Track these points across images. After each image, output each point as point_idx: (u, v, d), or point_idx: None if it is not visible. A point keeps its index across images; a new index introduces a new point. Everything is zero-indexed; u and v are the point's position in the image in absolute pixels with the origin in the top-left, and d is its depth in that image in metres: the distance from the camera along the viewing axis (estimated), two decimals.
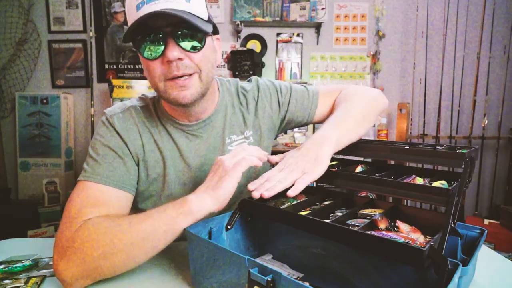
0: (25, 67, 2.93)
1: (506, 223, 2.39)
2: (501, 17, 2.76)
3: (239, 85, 0.94)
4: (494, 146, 2.80)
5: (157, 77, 0.72)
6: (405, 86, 2.97)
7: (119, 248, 0.60)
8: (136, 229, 0.61)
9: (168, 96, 0.73)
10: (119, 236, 0.61)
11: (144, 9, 0.65)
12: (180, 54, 0.69)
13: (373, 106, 0.89)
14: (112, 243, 0.60)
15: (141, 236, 0.61)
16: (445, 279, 0.42)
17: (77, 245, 0.61)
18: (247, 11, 2.86)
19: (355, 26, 2.97)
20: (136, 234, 0.61)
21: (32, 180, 2.82)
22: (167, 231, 0.62)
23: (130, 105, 0.83)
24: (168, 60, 0.68)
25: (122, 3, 2.94)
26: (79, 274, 0.60)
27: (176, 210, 0.62)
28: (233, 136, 0.88)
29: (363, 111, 0.84)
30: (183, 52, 0.70)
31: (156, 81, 0.72)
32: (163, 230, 0.61)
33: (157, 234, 0.61)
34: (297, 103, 0.94)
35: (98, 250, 0.60)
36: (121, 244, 0.60)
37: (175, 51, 0.68)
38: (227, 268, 0.53)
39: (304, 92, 0.95)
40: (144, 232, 0.61)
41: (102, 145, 0.76)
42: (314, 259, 0.64)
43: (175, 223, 0.61)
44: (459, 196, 0.53)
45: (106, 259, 0.60)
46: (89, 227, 0.63)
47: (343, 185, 0.66)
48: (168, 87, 0.72)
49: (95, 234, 0.61)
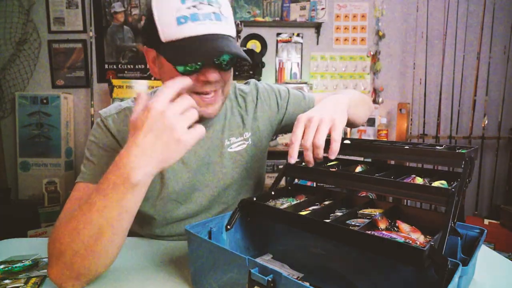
0: (25, 67, 2.93)
1: (506, 223, 2.39)
2: (501, 17, 2.76)
3: (237, 88, 0.95)
4: (494, 146, 2.80)
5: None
6: (405, 86, 2.97)
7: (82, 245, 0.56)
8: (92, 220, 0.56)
9: None
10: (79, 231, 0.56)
11: (190, 28, 0.63)
12: (219, 76, 0.70)
13: (364, 99, 0.97)
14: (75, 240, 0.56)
15: (98, 226, 0.55)
16: (445, 279, 0.42)
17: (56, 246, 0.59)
18: (247, 11, 2.86)
19: (355, 26, 2.97)
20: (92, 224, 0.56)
21: (32, 180, 2.81)
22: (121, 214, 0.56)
23: (125, 106, 0.82)
24: (207, 80, 0.68)
25: (122, 3, 2.94)
26: (63, 275, 0.58)
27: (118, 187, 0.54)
28: (232, 138, 0.89)
29: (359, 97, 0.91)
30: (219, 73, 0.70)
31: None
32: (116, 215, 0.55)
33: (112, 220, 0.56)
34: (294, 106, 0.96)
35: (67, 249, 0.57)
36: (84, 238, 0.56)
37: (216, 74, 0.69)
38: (227, 268, 0.53)
39: (300, 96, 0.99)
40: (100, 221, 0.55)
41: (97, 147, 0.77)
42: (314, 259, 0.64)
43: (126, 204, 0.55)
44: (459, 196, 0.53)
45: (77, 257, 0.57)
46: (57, 226, 0.61)
47: (343, 185, 0.66)
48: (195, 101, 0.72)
49: (61, 231, 0.59)
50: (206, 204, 0.86)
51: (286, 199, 0.72)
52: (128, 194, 0.55)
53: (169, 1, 0.64)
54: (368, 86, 3.00)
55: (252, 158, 0.91)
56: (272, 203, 0.70)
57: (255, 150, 0.92)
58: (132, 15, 2.97)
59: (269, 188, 0.75)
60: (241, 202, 0.67)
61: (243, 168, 0.89)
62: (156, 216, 0.84)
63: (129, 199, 0.55)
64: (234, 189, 0.89)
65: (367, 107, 0.97)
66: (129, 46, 2.99)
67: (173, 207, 0.84)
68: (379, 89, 2.96)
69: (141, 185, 0.55)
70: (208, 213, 0.88)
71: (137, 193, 0.56)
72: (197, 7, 0.64)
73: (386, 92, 2.98)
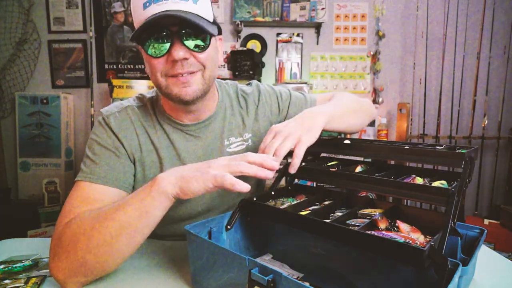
0: (25, 67, 2.93)
1: (506, 223, 2.39)
2: (501, 17, 2.76)
3: (239, 88, 0.96)
4: (494, 146, 2.80)
5: (159, 74, 0.73)
6: (405, 86, 2.97)
7: (99, 241, 0.59)
8: (112, 219, 0.59)
9: (170, 92, 0.74)
10: (98, 229, 0.59)
11: (152, 9, 0.66)
12: (186, 54, 0.70)
13: (362, 106, 0.96)
14: (92, 237, 0.59)
15: (118, 226, 0.59)
16: (445, 279, 0.42)
17: (63, 243, 0.61)
18: (247, 11, 2.86)
19: (355, 26, 2.97)
20: (112, 224, 0.59)
21: (32, 180, 2.81)
22: (141, 216, 0.59)
23: (127, 105, 0.83)
24: (173, 59, 0.70)
25: (122, 3, 2.94)
26: (69, 272, 0.60)
27: (145, 191, 0.60)
28: (231, 138, 0.89)
29: (354, 105, 0.91)
30: (188, 51, 0.71)
31: (158, 77, 0.73)
32: (137, 216, 0.59)
33: (133, 221, 0.59)
34: (296, 109, 0.96)
35: (81, 246, 0.59)
36: (101, 237, 0.59)
37: (181, 50, 0.69)
38: (227, 268, 0.53)
39: (302, 98, 0.99)
40: (120, 221, 0.59)
41: (98, 145, 0.77)
42: (314, 259, 0.64)
43: (145, 206, 0.59)
44: (459, 196, 0.53)
45: (90, 253, 0.59)
46: (72, 223, 0.63)
47: (343, 185, 0.66)
48: (170, 83, 0.73)
49: (77, 229, 0.61)
50: (206, 204, 0.87)
51: (286, 199, 0.72)
52: (151, 196, 0.59)
53: None
54: (368, 86, 3.00)
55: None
56: (272, 203, 0.70)
57: (255, 152, 0.91)
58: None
59: (269, 188, 0.75)
60: (241, 202, 0.67)
61: None
62: None
63: (150, 202, 0.59)
64: None
65: (364, 115, 0.95)
66: (129, 46, 2.99)
67: (173, 207, 0.84)
68: (379, 89, 2.96)
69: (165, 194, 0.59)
70: (208, 213, 0.88)
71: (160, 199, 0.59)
72: None
73: (386, 92, 2.98)
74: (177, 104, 0.78)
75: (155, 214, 0.60)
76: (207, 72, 0.75)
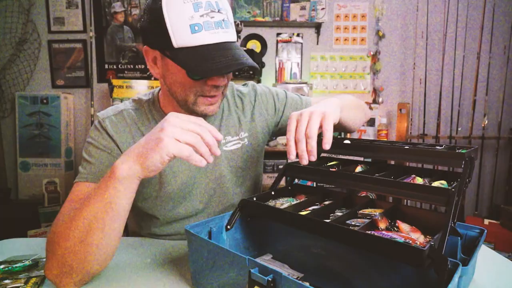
0: (25, 67, 2.93)
1: (506, 223, 2.39)
2: (501, 17, 2.76)
3: (235, 89, 0.97)
4: (494, 146, 2.80)
5: (193, 93, 0.73)
6: (405, 86, 2.97)
7: (74, 240, 0.58)
8: (80, 217, 0.58)
9: (196, 109, 0.76)
10: (70, 228, 0.59)
11: (204, 36, 0.66)
12: (225, 81, 0.74)
13: (361, 105, 0.99)
14: (67, 236, 0.58)
15: (87, 223, 0.58)
16: (445, 279, 0.42)
17: (48, 245, 0.62)
18: (247, 11, 2.86)
19: (355, 26, 2.97)
20: (82, 222, 0.58)
21: (32, 180, 2.81)
22: (105, 209, 0.57)
23: (122, 108, 0.84)
24: (215, 84, 0.72)
25: (122, 3, 2.94)
26: (56, 273, 0.60)
27: (105, 182, 0.58)
28: (228, 137, 0.90)
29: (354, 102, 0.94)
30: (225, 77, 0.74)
31: (189, 95, 0.74)
32: (102, 209, 0.57)
33: (99, 215, 0.57)
34: (292, 109, 0.98)
35: (60, 246, 0.59)
36: (75, 235, 0.58)
37: (224, 78, 0.73)
38: (227, 268, 0.53)
39: (298, 100, 1.01)
40: (88, 218, 0.58)
41: (94, 148, 0.77)
42: (314, 259, 0.64)
43: (109, 197, 0.57)
44: (459, 196, 0.53)
45: (69, 253, 0.58)
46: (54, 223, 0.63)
47: (343, 185, 0.66)
48: (199, 102, 0.75)
49: (56, 229, 0.61)
50: (203, 203, 0.87)
51: (286, 199, 0.72)
52: (111, 187, 0.57)
53: (183, 7, 0.65)
54: (368, 86, 3.00)
55: (248, 158, 0.92)
56: (272, 203, 0.70)
57: (251, 151, 0.93)
58: (132, 15, 2.97)
59: (269, 188, 0.75)
60: (241, 202, 0.67)
61: (238, 167, 0.90)
62: (158, 215, 0.85)
63: (112, 193, 0.57)
64: (230, 187, 0.89)
65: (362, 113, 0.97)
66: (129, 46, 2.99)
67: (172, 206, 0.85)
68: (379, 89, 2.96)
69: (125, 179, 0.57)
70: (206, 212, 0.88)
71: (121, 188, 0.57)
72: (209, 15, 0.66)
73: (386, 92, 2.98)
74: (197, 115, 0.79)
75: (121, 203, 0.58)
76: (226, 88, 0.79)
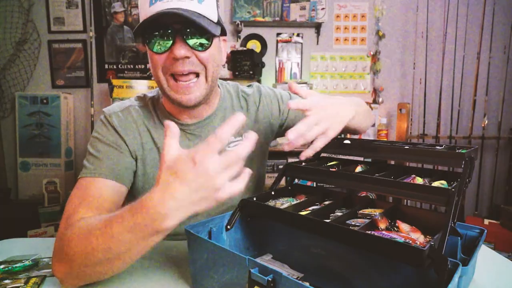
0: (25, 67, 2.93)
1: (506, 223, 2.39)
2: (501, 17, 2.76)
3: (240, 89, 0.97)
4: (494, 146, 2.80)
5: (160, 70, 0.74)
6: (405, 86, 2.97)
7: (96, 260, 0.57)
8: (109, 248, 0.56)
9: (172, 97, 0.75)
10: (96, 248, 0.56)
11: (157, 6, 0.68)
12: (187, 52, 0.71)
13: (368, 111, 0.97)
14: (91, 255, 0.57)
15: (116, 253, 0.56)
16: (445, 279, 0.42)
17: (65, 249, 0.60)
18: (247, 11, 2.86)
19: (355, 26, 2.97)
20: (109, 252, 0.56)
21: (32, 180, 2.81)
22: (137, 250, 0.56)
23: (129, 105, 0.84)
24: (174, 57, 0.70)
25: (122, 3, 2.94)
26: (69, 276, 0.60)
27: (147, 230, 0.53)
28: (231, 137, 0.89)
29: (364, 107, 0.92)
30: (190, 50, 0.71)
31: (159, 73, 0.74)
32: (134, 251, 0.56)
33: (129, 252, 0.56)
34: (295, 112, 0.97)
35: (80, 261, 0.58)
36: (99, 256, 0.56)
37: (182, 49, 0.70)
38: (227, 268, 0.53)
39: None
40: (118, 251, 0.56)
41: (100, 143, 0.77)
42: (314, 259, 0.64)
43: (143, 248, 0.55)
44: (459, 196, 0.53)
45: (87, 268, 0.58)
46: (74, 232, 0.61)
47: (343, 185, 0.66)
48: (172, 87, 0.74)
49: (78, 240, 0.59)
50: None
51: (286, 199, 0.72)
52: (155, 236, 0.53)
53: None
54: (368, 86, 3.00)
55: (251, 159, 0.91)
56: (272, 203, 0.70)
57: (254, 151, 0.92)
58: (132, 15, 2.97)
59: (269, 188, 0.75)
60: (241, 202, 0.67)
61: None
62: None
63: (154, 240, 0.54)
64: None
65: (369, 119, 0.98)
66: (129, 46, 2.99)
67: None
68: (379, 89, 2.95)
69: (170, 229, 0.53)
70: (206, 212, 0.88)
71: (163, 235, 0.54)
72: None
73: (386, 92, 2.98)
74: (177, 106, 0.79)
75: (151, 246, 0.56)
76: (209, 73, 0.76)
